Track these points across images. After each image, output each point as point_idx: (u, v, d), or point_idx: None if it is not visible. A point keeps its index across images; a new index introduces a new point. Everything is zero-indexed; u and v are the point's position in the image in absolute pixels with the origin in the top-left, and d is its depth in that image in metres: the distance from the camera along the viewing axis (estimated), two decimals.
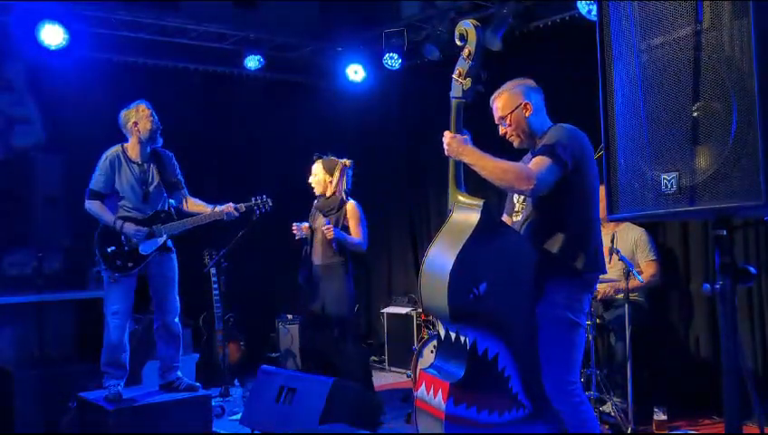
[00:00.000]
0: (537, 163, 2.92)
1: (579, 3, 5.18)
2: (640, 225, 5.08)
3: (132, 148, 4.57)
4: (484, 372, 2.93)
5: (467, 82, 3.00)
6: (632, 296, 4.74)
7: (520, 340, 3.02)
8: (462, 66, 3.01)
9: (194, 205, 4.70)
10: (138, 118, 4.52)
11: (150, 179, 4.56)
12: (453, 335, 2.95)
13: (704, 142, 1.90)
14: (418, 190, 7.42)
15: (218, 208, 4.61)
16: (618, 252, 4.53)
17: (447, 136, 3.03)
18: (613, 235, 4.67)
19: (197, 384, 4.69)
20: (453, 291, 2.82)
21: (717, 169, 1.85)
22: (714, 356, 5.12)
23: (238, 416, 5.12)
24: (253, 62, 6.76)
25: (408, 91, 7.38)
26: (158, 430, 4.28)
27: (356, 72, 7.13)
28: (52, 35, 5.50)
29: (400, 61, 6.63)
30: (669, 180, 1.96)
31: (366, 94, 7.43)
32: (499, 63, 6.22)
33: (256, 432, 4.57)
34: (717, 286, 1.97)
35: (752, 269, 1.97)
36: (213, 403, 4.88)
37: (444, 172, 3.18)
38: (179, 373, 4.68)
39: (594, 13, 4.77)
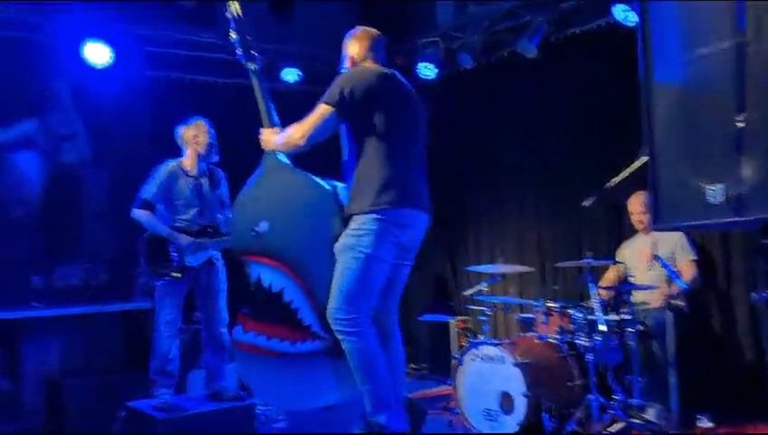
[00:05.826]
0: (313, 116, 3.20)
1: (614, 10, 5.15)
2: None
3: (189, 161, 4.69)
4: (271, 304, 3.18)
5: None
6: (673, 302, 4.70)
7: (312, 274, 3.15)
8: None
9: None
10: (197, 131, 4.69)
11: (205, 193, 4.67)
12: (249, 273, 3.29)
13: (749, 153, 1.91)
14: (459, 200, 7.35)
15: None
16: (659, 258, 4.50)
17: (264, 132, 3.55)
18: (654, 240, 4.63)
19: (243, 393, 4.76)
20: (236, 233, 3.27)
21: (764, 179, 1.87)
22: (758, 362, 5.05)
23: (280, 424, 5.19)
24: (291, 75, 6.74)
25: (442, 100, 7.37)
26: None
27: None
28: (98, 54, 5.65)
29: (436, 71, 6.62)
30: (714, 191, 1.98)
31: None
32: (535, 71, 6.23)
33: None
34: (764, 295, 1.98)
35: None
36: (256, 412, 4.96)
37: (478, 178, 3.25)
38: (225, 383, 4.77)
39: (631, 19, 4.75)
